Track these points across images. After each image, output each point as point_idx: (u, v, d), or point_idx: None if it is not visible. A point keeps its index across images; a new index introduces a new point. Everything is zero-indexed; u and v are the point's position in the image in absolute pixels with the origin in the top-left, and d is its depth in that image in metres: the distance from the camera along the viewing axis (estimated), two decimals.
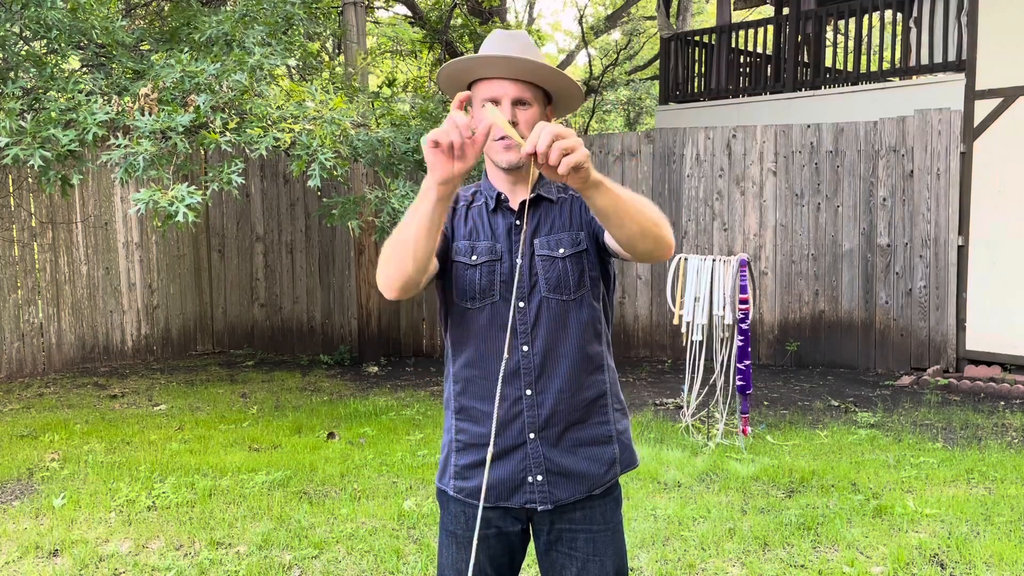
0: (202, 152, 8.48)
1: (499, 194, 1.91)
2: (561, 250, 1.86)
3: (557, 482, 1.89)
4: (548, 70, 1.79)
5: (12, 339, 7.87)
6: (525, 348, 1.86)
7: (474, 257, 1.88)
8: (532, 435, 1.88)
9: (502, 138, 1.79)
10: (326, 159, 5.22)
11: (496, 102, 1.80)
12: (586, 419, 1.91)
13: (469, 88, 1.87)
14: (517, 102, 1.80)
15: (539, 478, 1.88)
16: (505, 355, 1.78)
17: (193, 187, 4.92)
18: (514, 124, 1.77)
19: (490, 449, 1.78)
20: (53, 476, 4.94)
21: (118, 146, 4.92)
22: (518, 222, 1.88)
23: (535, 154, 1.47)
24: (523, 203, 1.88)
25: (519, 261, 1.85)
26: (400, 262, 1.68)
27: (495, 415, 1.80)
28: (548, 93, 1.88)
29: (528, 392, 1.86)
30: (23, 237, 7.99)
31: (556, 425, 1.88)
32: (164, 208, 4.78)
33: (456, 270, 1.89)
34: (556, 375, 1.87)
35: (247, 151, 5.44)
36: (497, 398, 1.78)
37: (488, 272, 1.86)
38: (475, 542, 1.73)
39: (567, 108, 1.92)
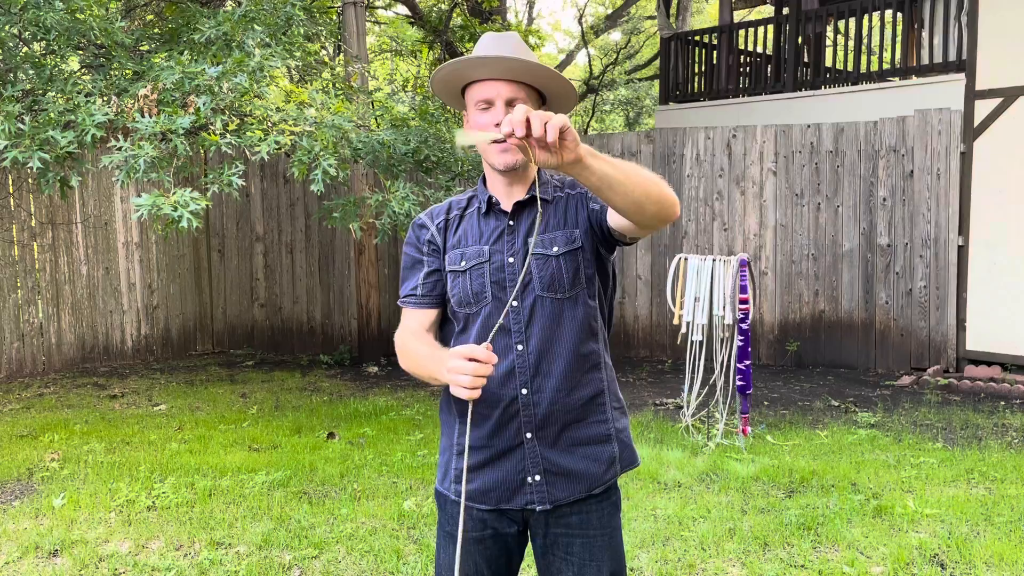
0: (202, 154, 8.47)
1: (490, 197, 1.91)
2: (555, 248, 1.85)
3: (555, 482, 1.87)
4: (540, 69, 1.79)
5: (12, 339, 7.87)
6: (520, 347, 1.85)
7: (463, 263, 1.88)
8: (529, 435, 1.86)
9: (497, 141, 1.79)
10: (329, 165, 5.21)
11: (489, 103, 1.80)
12: (584, 418, 1.89)
13: (463, 94, 1.86)
14: (510, 102, 1.79)
15: (537, 478, 1.87)
16: (494, 353, 1.78)
17: (196, 192, 4.92)
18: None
19: (469, 450, 1.80)
20: (53, 476, 4.95)
21: (119, 148, 4.92)
22: (511, 223, 1.88)
23: (526, 137, 1.45)
24: (516, 204, 1.88)
25: (511, 260, 1.84)
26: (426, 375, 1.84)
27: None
28: (542, 95, 1.87)
29: (524, 391, 1.85)
30: (23, 237, 7.99)
31: (553, 424, 1.86)
32: (168, 214, 4.77)
33: (450, 280, 1.90)
34: (551, 374, 1.85)
35: (247, 153, 5.43)
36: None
37: (478, 276, 1.86)
38: (459, 539, 1.74)
39: (561, 108, 1.90)
